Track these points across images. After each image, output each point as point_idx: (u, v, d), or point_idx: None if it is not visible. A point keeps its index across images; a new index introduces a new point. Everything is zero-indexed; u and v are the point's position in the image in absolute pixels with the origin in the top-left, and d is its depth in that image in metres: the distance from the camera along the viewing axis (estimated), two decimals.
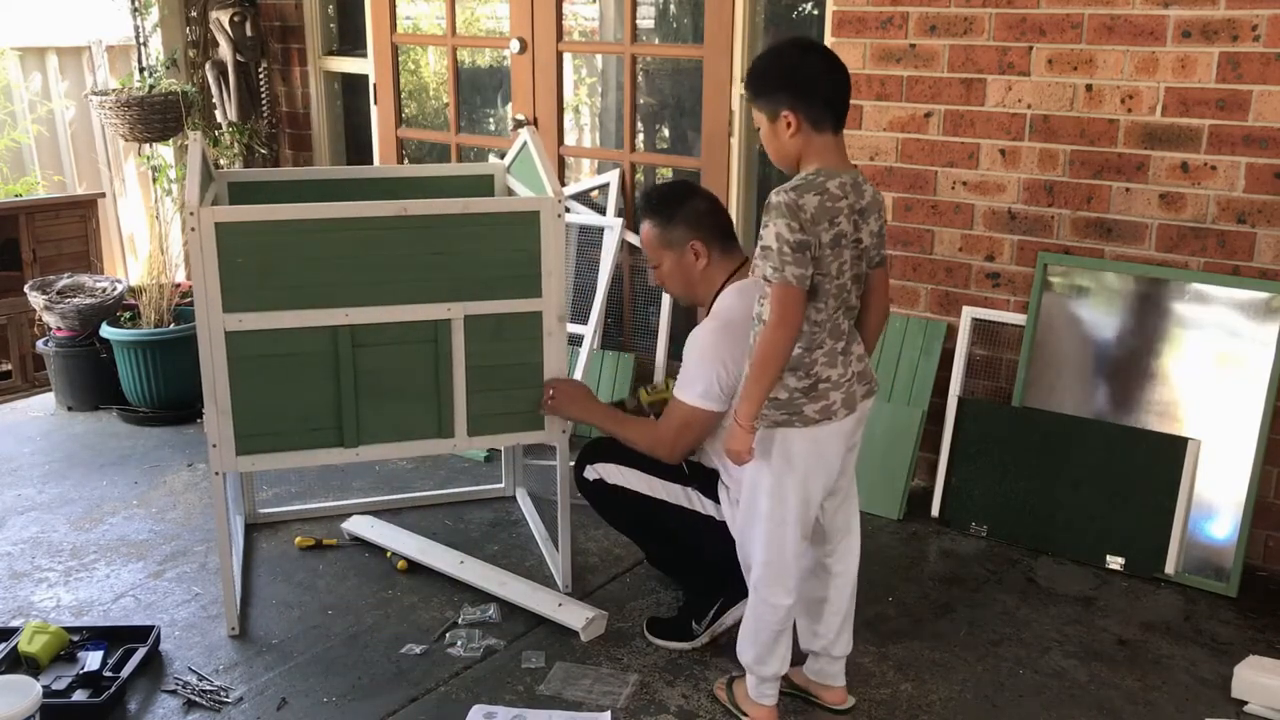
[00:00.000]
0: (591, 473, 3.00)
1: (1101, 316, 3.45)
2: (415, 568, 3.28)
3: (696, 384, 2.67)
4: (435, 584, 3.20)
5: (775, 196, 2.25)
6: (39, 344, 4.72)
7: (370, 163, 5.23)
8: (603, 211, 4.42)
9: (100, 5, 5.47)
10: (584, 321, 4.27)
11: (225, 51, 5.19)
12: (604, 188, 4.44)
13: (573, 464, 3.08)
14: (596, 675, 2.77)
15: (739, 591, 2.93)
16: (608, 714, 2.61)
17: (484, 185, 3.54)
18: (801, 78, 2.30)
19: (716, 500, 2.82)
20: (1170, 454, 3.25)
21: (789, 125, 2.30)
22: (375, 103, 5.11)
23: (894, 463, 3.66)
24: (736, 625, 2.90)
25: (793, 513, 2.41)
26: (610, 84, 5.04)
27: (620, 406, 3.04)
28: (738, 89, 4.04)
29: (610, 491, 2.97)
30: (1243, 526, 3.18)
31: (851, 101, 3.71)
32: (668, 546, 3.04)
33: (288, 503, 3.74)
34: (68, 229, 5.24)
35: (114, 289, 4.76)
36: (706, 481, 2.84)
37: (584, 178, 4.79)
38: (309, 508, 3.68)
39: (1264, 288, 3.17)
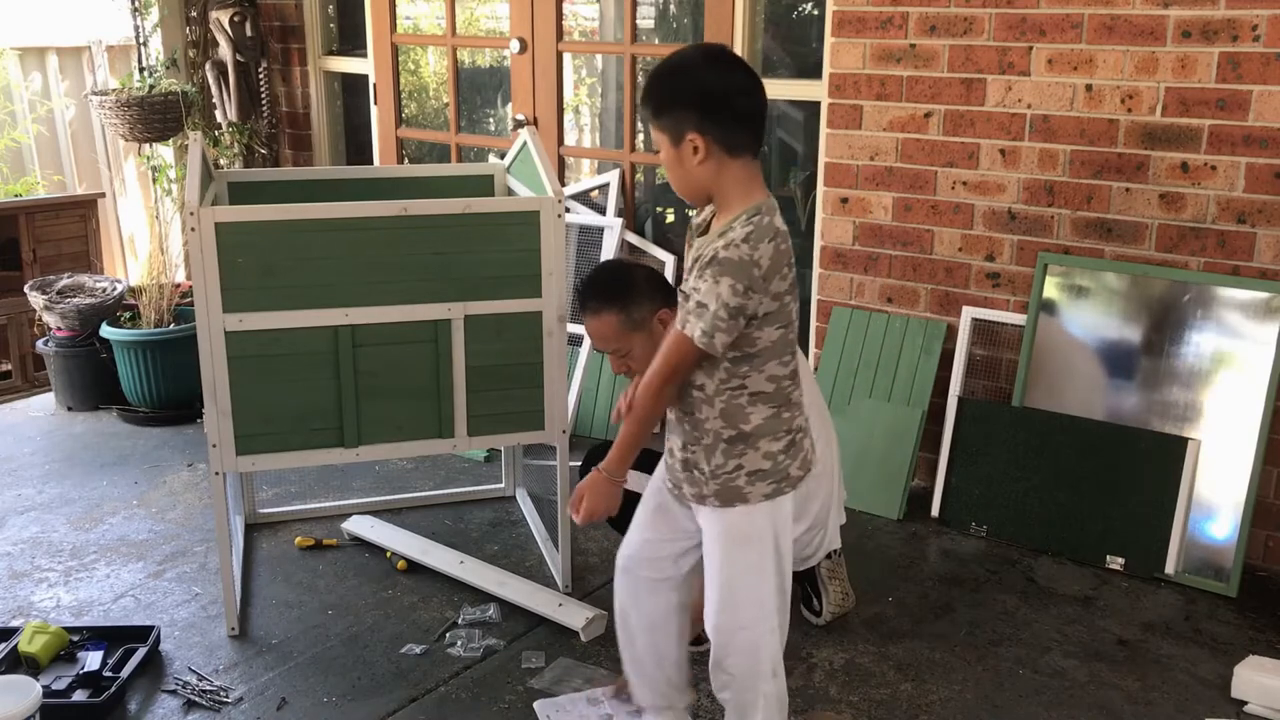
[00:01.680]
0: None
1: (1101, 316, 3.45)
2: (415, 568, 3.28)
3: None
4: (435, 584, 3.20)
5: (725, 252, 1.94)
6: (39, 344, 4.72)
7: (370, 163, 5.23)
8: (603, 211, 4.42)
9: (100, 5, 5.48)
10: None
11: (225, 51, 5.20)
12: (604, 188, 4.44)
13: (577, 465, 3.07)
14: (591, 673, 2.76)
15: None
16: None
17: (484, 185, 3.54)
18: (711, 92, 1.97)
19: None
20: (1170, 454, 3.25)
21: (696, 150, 1.98)
22: (375, 103, 5.11)
23: (894, 463, 3.66)
24: None
25: (789, 581, 2.22)
26: (610, 84, 5.04)
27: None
28: None
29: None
30: (1243, 526, 3.18)
31: (851, 102, 3.74)
32: None
33: (288, 503, 3.74)
34: (68, 229, 5.24)
35: (114, 289, 4.76)
36: None
37: (584, 178, 4.80)
38: (309, 508, 3.68)
39: (1264, 288, 3.17)
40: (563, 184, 4.47)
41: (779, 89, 4.14)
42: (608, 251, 4.26)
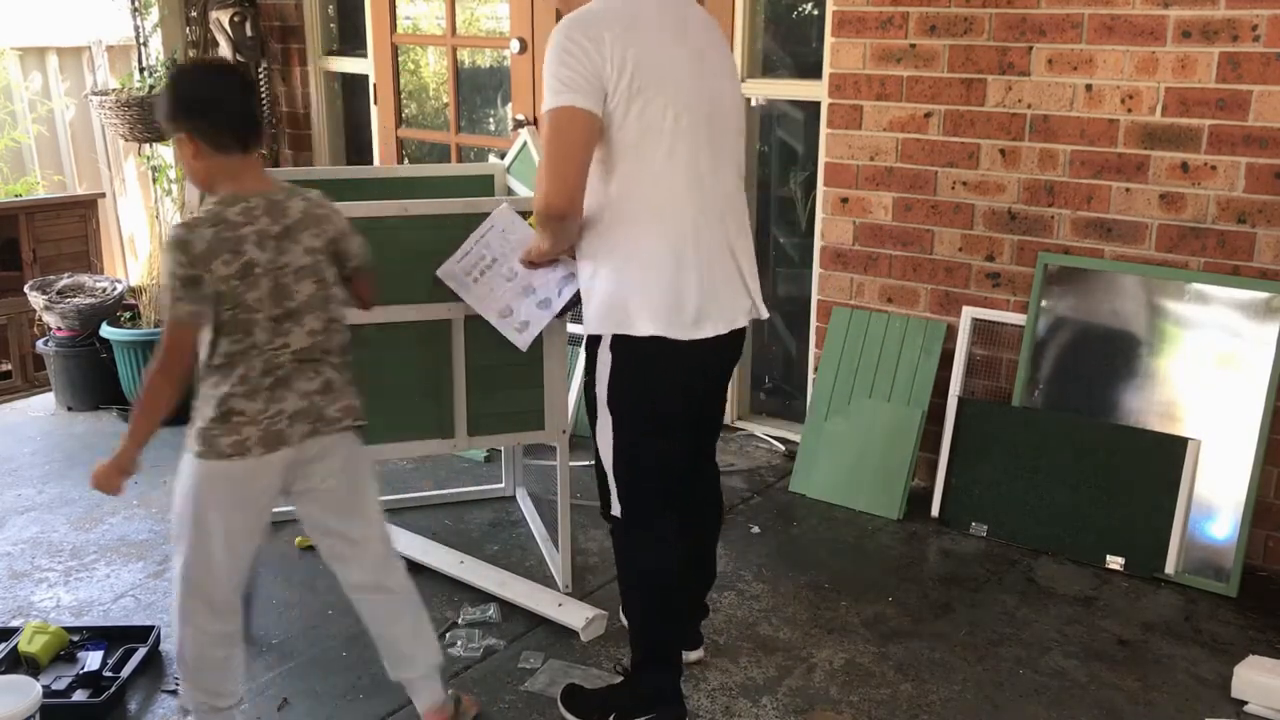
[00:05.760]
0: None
1: (1101, 316, 3.45)
2: (415, 568, 3.26)
3: (553, 90, 2.25)
4: (435, 584, 3.20)
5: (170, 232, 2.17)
6: (39, 344, 4.72)
7: (370, 163, 5.23)
8: None
9: (100, 5, 5.48)
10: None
11: (225, 51, 5.19)
12: None
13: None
14: (584, 675, 2.76)
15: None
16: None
17: (484, 185, 3.54)
18: (198, 98, 2.19)
19: None
20: (1170, 454, 3.25)
21: (191, 149, 2.19)
22: (375, 103, 5.11)
23: (894, 463, 3.66)
24: None
25: (212, 545, 2.29)
26: None
27: None
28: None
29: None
30: (1243, 526, 3.18)
31: (851, 102, 3.74)
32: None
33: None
34: (68, 229, 5.25)
35: (114, 289, 4.76)
36: None
37: None
38: None
39: (1264, 288, 3.17)
40: None
41: (779, 89, 4.14)
42: None
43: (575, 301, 2.66)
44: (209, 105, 2.18)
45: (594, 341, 2.44)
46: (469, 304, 2.70)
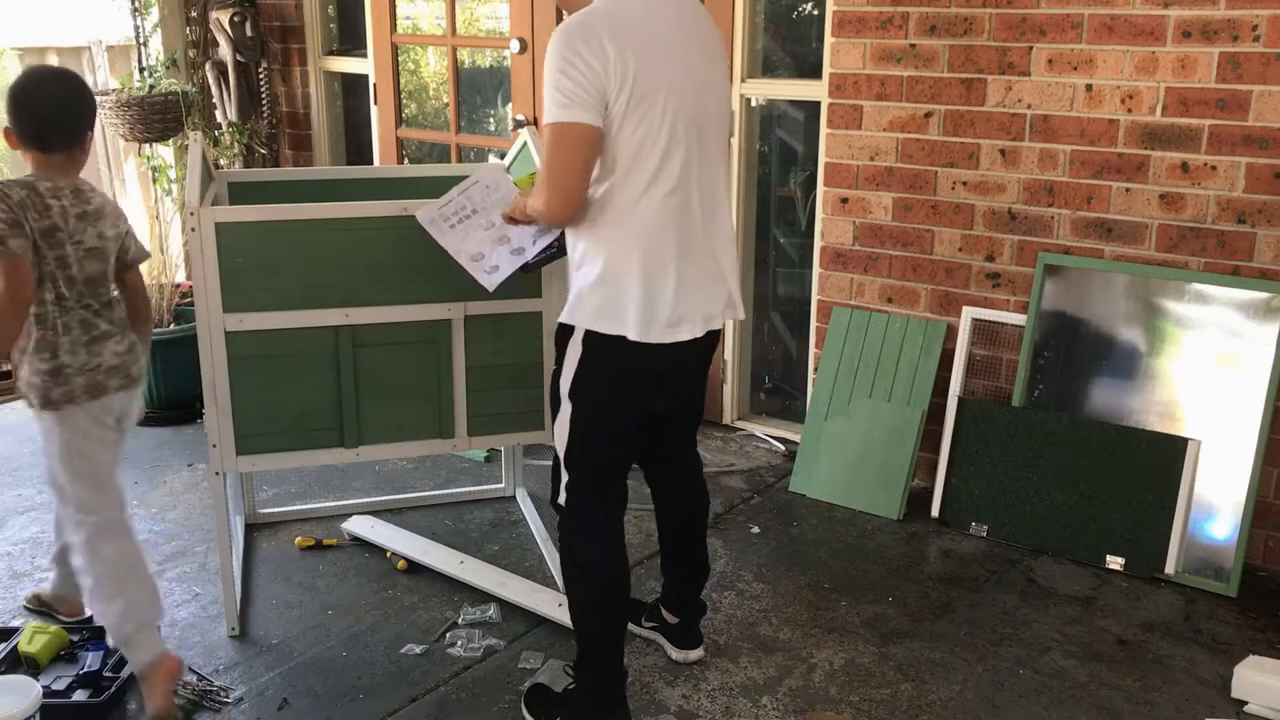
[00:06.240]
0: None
1: (1101, 316, 3.45)
2: (415, 568, 3.28)
3: (556, 103, 2.27)
4: (435, 584, 3.20)
5: None
6: None
7: (370, 163, 5.23)
8: None
9: (100, 5, 5.47)
10: None
11: (225, 51, 5.20)
12: None
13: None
14: None
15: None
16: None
17: None
18: (14, 99, 2.54)
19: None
20: (1170, 454, 3.25)
21: (6, 138, 2.57)
22: (375, 103, 5.11)
23: (894, 463, 3.66)
24: None
25: (85, 479, 2.62)
26: None
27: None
28: (736, 89, 4.04)
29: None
30: (1243, 526, 3.18)
31: (851, 102, 3.74)
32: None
33: (288, 503, 3.73)
34: None
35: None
36: None
37: None
38: (309, 508, 3.68)
39: (1264, 288, 3.17)
40: None
41: (779, 89, 4.14)
42: None
43: (547, 256, 2.70)
44: (19, 107, 2.53)
45: (565, 331, 2.44)
46: (442, 246, 2.73)
